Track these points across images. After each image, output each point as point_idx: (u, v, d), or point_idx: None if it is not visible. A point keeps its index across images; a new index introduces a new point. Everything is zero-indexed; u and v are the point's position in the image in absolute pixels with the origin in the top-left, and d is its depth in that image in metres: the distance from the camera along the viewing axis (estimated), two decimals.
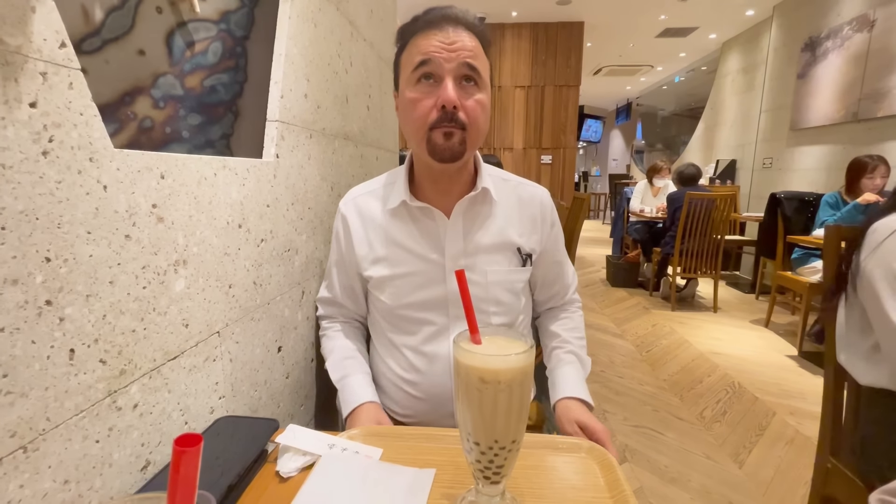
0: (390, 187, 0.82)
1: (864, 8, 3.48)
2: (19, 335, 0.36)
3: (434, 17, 0.71)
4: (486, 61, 0.73)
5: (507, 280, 0.80)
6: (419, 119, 0.70)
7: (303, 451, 0.54)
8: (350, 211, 0.83)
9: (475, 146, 0.74)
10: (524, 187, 0.85)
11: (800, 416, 1.99)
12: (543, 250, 0.84)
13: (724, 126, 5.72)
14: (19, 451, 0.36)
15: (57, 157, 0.38)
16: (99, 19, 0.51)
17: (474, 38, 0.71)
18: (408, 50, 0.72)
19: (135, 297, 0.47)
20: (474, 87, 0.70)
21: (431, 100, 0.69)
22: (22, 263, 0.35)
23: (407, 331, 0.80)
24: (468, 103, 0.70)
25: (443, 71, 0.68)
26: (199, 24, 0.66)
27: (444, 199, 0.78)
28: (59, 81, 0.38)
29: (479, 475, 0.45)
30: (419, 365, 0.79)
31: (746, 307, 3.63)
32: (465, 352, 0.42)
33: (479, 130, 0.72)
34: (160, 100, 0.60)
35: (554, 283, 0.90)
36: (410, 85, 0.71)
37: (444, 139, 0.70)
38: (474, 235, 0.79)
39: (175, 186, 0.53)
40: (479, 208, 0.79)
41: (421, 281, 0.78)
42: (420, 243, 0.78)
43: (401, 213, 0.79)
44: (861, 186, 2.62)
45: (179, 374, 0.54)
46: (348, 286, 0.86)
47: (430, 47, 0.68)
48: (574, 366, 0.82)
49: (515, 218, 0.82)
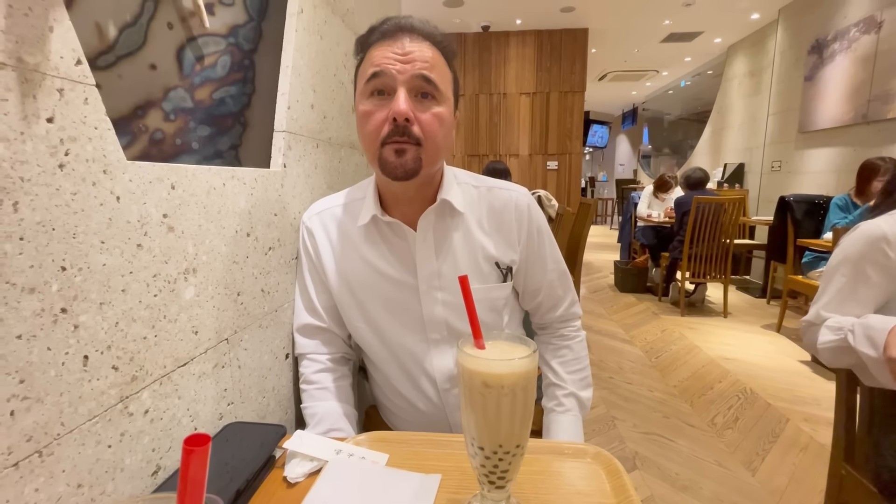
0: (359, 203, 0.76)
1: (871, 10, 3.46)
2: (36, 342, 0.37)
3: (389, 27, 0.67)
4: (446, 72, 0.68)
5: (487, 298, 0.75)
6: (371, 133, 0.65)
7: (310, 457, 0.55)
8: (316, 226, 0.77)
9: (434, 162, 0.68)
10: (496, 192, 0.77)
11: (814, 423, 1.96)
12: (524, 259, 0.77)
13: (731, 129, 5.68)
14: (35, 456, 0.37)
15: (73, 170, 0.40)
16: (113, 36, 0.53)
17: (433, 49, 0.66)
18: (363, 62, 0.68)
19: (146, 305, 0.48)
20: (431, 100, 0.65)
21: (383, 113, 0.64)
22: (39, 272, 0.37)
23: (387, 358, 0.77)
24: (424, 117, 0.64)
25: (395, 83, 0.63)
26: (209, 39, 0.68)
27: (412, 218, 0.72)
28: (75, 97, 0.40)
29: (484, 480, 0.45)
30: (404, 391, 0.78)
31: (757, 312, 3.59)
32: (469, 356, 0.42)
33: (436, 146, 0.66)
34: (171, 112, 0.61)
35: (537, 294, 0.81)
36: (363, 98, 0.67)
37: (395, 156, 0.64)
38: (447, 253, 0.73)
39: (185, 196, 0.54)
40: (448, 222, 0.73)
41: (395, 306, 0.74)
42: (392, 265, 0.73)
43: (371, 231, 0.74)
44: (872, 189, 2.59)
45: (189, 381, 0.55)
46: (331, 307, 0.78)
47: (382, 59, 0.64)
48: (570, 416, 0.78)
49: (490, 228, 0.75)
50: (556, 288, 0.82)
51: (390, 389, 0.81)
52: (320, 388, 0.76)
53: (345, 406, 0.76)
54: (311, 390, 0.76)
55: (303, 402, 0.76)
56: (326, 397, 0.76)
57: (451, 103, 0.69)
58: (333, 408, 0.75)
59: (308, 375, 0.77)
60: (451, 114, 0.69)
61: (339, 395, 0.77)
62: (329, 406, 0.75)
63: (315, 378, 0.77)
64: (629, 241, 4.82)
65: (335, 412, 0.74)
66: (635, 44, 6.10)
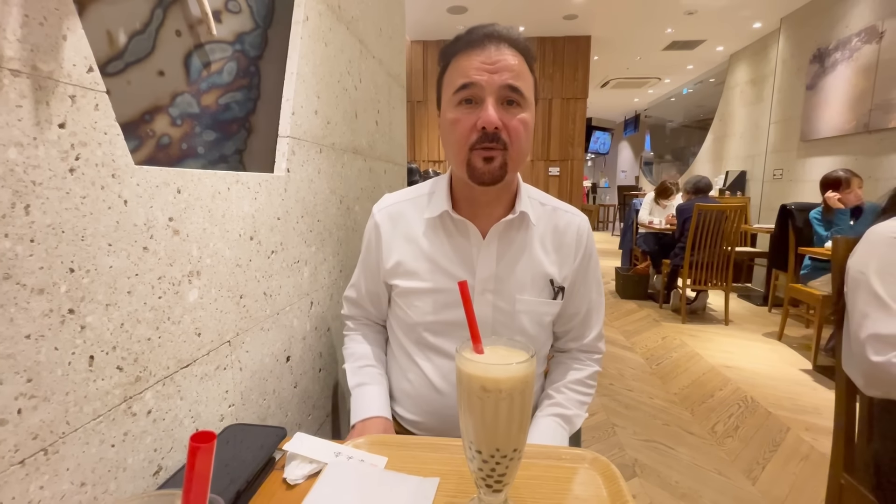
0: (426, 198, 0.80)
1: (873, 19, 3.48)
2: (44, 342, 0.38)
3: (476, 36, 0.69)
4: (529, 79, 0.71)
5: (536, 311, 0.77)
6: (459, 140, 0.68)
7: (309, 459, 0.55)
8: (383, 219, 0.80)
9: (517, 167, 0.72)
10: (562, 214, 0.81)
11: (815, 432, 1.95)
12: (572, 281, 0.79)
13: (733, 137, 5.70)
14: (40, 454, 0.37)
15: (82, 174, 0.41)
16: (122, 43, 0.54)
17: (518, 56, 0.69)
18: (450, 71, 0.71)
19: (151, 307, 0.49)
20: (517, 107, 0.68)
21: (472, 120, 0.67)
22: (48, 274, 0.38)
23: (427, 350, 0.78)
24: (511, 123, 0.67)
25: (484, 93, 0.67)
26: (216, 46, 0.69)
27: (481, 220, 0.75)
28: (86, 103, 0.41)
29: (482, 483, 0.45)
30: (438, 384, 0.77)
31: (759, 320, 3.58)
32: (467, 360, 0.43)
33: (521, 151, 0.70)
34: (178, 118, 0.62)
35: (572, 318, 0.83)
36: (451, 107, 0.69)
37: (483, 163, 0.68)
38: (507, 261, 0.75)
39: (190, 200, 0.55)
40: (515, 233, 0.76)
41: (446, 300, 0.75)
42: (452, 261, 0.75)
43: (436, 226, 0.77)
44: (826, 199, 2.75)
45: (191, 382, 0.56)
46: (373, 291, 0.84)
47: (470, 70, 0.67)
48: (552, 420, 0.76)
49: (550, 246, 0.78)
50: (591, 315, 0.84)
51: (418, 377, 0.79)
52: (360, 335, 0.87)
53: (379, 352, 0.87)
54: (352, 334, 0.88)
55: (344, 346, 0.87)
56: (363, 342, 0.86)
57: (534, 107, 0.72)
58: (369, 351, 0.85)
59: (349, 326, 0.89)
60: (533, 117, 0.72)
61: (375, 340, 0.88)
62: (365, 349, 0.85)
63: (354, 327, 0.88)
64: (630, 247, 4.82)
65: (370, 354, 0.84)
66: (638, 51, 6.13)
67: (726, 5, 4.46)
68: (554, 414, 0.77)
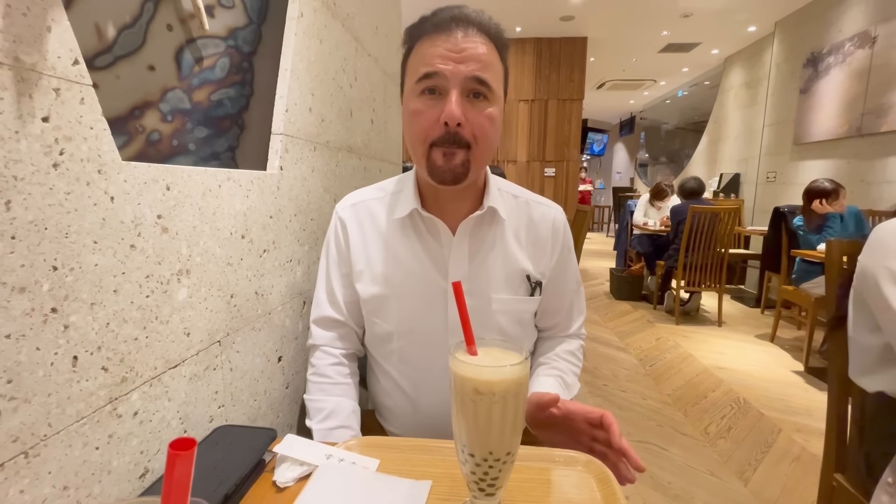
0: (397, 195, 0.75)
1: (865, 24, 3.51)
2: (25, 342, 0.36)
3: (442, 18, 0.63)
4: (499, 69, 0.66)
5: (514, 310, 0.74)
6: (420, 133, 0.64)
7: (300, 461, 0.54)
8: (349, 217, 0.76)
9: (482, 165, 0.68)
10: (535, 206, 0.77)
11: (806, 433, 1.97)
12: (552, 276, 0.77)
13: (727, 140, 5.73)
14: (21, 457, 0.36)
15: (67, 170, 0.40)
16: (111, 37, 0.53)
17: (487, 42, 0.64)
18: (413, 55, 0.66)
19: (138, 306, 0.48)
20: (483, 100, 0.64)
21: (434, 113, 0.63)
22: (30, 272, 0.37)
23: (401, 363, 0.75)
24: (476, 119, 0.63)
25: (448, 84, 0.62)
26: (208, 41, 0.68)
27: (450, 217, 0.71)
28: (71, 97, 0.40)
29: (475, 487, 0.45)
30: (415, 396, 0.75)
31: (751, 321, 3.60)
32: (460, 363, 0.42)
33: (487, 147, 0.66)
34: (168, 113, 0.61)
35: (556, 314, 0.81)
36: (414, 96, 0.65)
37: (444, 160, 0.64)
38: (480, 259, 0.72)
39: (180, 198, 0.54)
40: (487, 229, 0.73)
41: (419, 305, 0.72)
42: (423, 263, 0.72)
43: (406, 226, 0.73)
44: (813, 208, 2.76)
45: (180, 383, 0.55)
46: (353, 302, 0.76)
47: (435, 58, 0.62)
48: (555, 379, 0.73)
49: (525, 240, 0.75)
50: (574, 308, 0.82)
51: (397, 391, 0.77)
52: (333, 382, 0.74)
53: (354, 404, 0.75)
54: (323, 384, 0.74)
55: (310, 394, 0.74)
56: (338, 393, 0.74)
57: (502, 100, 0.68)
58: (345, 404, 0.73)
59: (321, 367, 0.75)
60: (502, 111, 0.68)
61: (350, 392, 0.76)
62: (340, 402, 0.73)
63: (329, 371, 0.75)
64: (625, 248, 4.84)
65: (347, 409, 0.72)
66: (634, 53, 6.16)
67: (721, 9, 4.49)
68: (555, 375, 0.75)
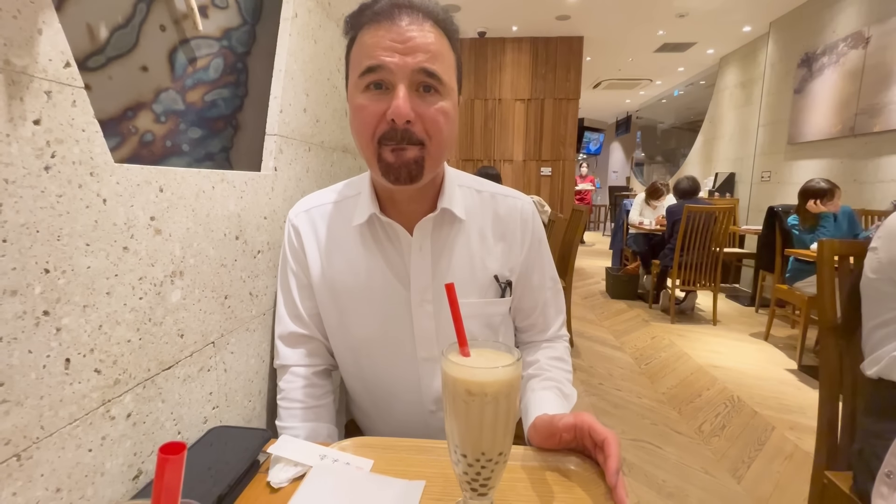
0: (352, 200, 0.70)
1: (859, 25, 3.54)
2: (17, 345, 0.36)
3: (384, 6, 0.58)
4: (450, 58, 0.60)
5: (483, 314, 0.70)
6: (366, 130, 0.59)
7: (294, 462, 0.54)
8: (303, 224, 0.71)
9: (438, 163, 0.63)
10: (501, 200, 0.72)
11: (799, 431, 1.98)
12: (522, 272, 0.72)
13: (722, 139, 5.76)
14: (13, 459, 0.36)
15: (58, 172, 0.40)
16: (104, 38, 0.53)
17: (436, 30, 0.58)
18: (356, 47, 0.60)
19: (131, 308, 0.48)
20: (435, 94, 0.58)
21: (380, 107, 0.57)
22: (21, 275, 0.37)
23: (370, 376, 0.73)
24: (427, 113, 0.58)
25: (394, 78, 0.56)
26: (202, 41, 0.68)
27: (407, 220, 0.66)
28: (62, 99, 0.40)
29: (467, 487, 0.45)
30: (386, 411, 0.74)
31: (746, 320, 3.63)
32: (452, 364, 0.43)
33: (441, 144, 0.60)
34: (161, 114, 0.61)
35: (530, 313, 0.76)
36: (358, 91, 0.59)
37: (395, 157, 0.59)
38: (443, 264, 0.68)
39: (173, 199, 0.54)
40: (447, 230, 0.68)
41: (382, 317, 0.68)
42: (384, 273, 0.68)
43: (364, 233, 0.68)
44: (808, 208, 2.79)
45: (173, 384, 0.55)
46: (316, 314, 0.72)
47: (378, 49, 0.56)
48: (553, 392, 0.68)
49: (491, 238, 0.70)
50: (549, 307, 0.77)
51: (371, 408, 0.76)
52: (305, 407, 0.70)
53: (328, 427, 0.72)
54: (293, 409, 0.70)
55: (281, 420, 0.70)
56: (311, 418, 0.70)
57: (455, 93, 0.62)
58: (319, 430, 0.70)
59: (290, 392, 0.71)
60: (455, 105, 0.62)
61: (323, 415, 0.72)
62: (315, 428, 0.69)
63: (297, 396, 0.71)
64: (621, 247, 4.86)
65: (321, 434, 0.70)
66: (629, 53, 6.17)
67: (717, 9, 4.51)
68: (552, 388, 0.69)
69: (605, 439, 0.51)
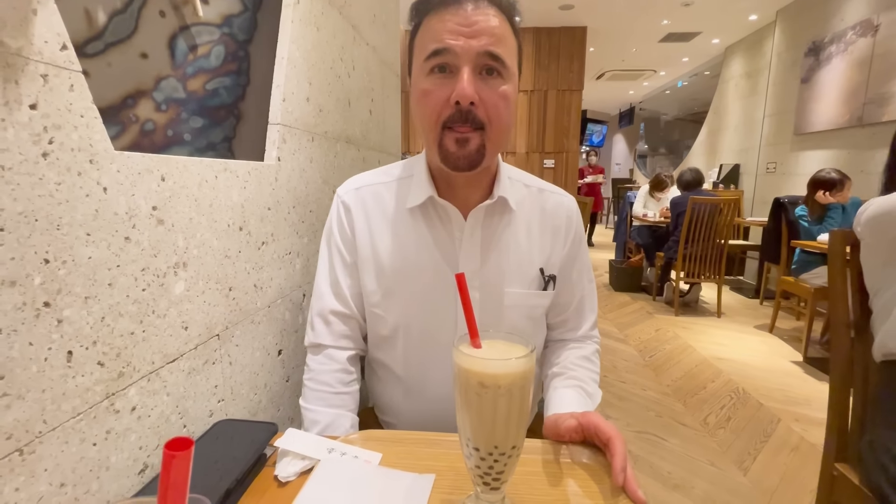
0: (407, 181, 0.71)
1: (868, 13, 3.47)
2: (17, 337, 0.35)
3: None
4: (512, 43, 0.62)
5: (527, 305, 0.71)
6: (431, 115, 0.61)
7: (301, 456, 0.54)
8: (353, 202, 0.71)
9: (497, 148, 0.64)
10: (549, 195, 0.74)
11: (805, 423, 1.97)
12: (564, 266, 0.73)
13: (727, 130, 5.70)
14: (15, 454, 0.36)
15: (57, 159, 0.38)
16: (102, 23, 0.51)
17: (499, 15, 0.60)
18: (421, 32, 0.62)
19: (134, 300, 0.47)
20: (497, 77, 0.60)
21: (446, 92, 0.59)
22: (20, 265, 0.35)
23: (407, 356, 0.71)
24: (489, 97, 0.59)
25: (459, 61, 0.58)
26: (202, 28, 0.67)
27: (461, 205, 0.67)
28: (59, 83, 0.38)
29: (479, 481, 0.44)
30: (418, 391, 0.72)
31: (750, 312, 3.61)
32: (465, 356, 0.41)
33: (501, 129, 0.62)
34: (162, 103, 0.60)
35: (565, 308, 0.76)
36: (423, 75, 0.61)
37: (457, 146, 0.61)
38: (492, 252, 0.69)
39: (176, 189, 0.53)
40: (498, 220, 0.69)
41: (428, 299, 0.68)
42: (433, 255, 0.68)
43: (416, 215, 0.69)
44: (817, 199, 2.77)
45: (178, 377, 0.54)
46: (358, 294, 0.72)
47: (444, 33, 0.58)
48: (574, 391, 0.67)
49: (538, 232, 0.72)
50: (585, 303, 0.77)
51: (400, 395, 0.74)
52: (333, 392, 0.69)
53: (353, 417, 0.70)
54: (321, 392, 0.68)
55: (306, 401, 0.68)
56: (337, 403, 0.68)
57: (517, 78, 0.64)
58: (343, 420, 0.68)
59: (321, 373, 0.69)
60: (516, 90, 0.63)
61: (350, 403, 0.70)
62: (339, 416, 0.68)
63: (328, 379, 0.69)
64: (624, 240, 4.84)
65: (344, 425, 0.67)
66: (633, 43, 6.10)
67: None
68: (575, 386, 0.68)
69: (610, 439, 0.52)
